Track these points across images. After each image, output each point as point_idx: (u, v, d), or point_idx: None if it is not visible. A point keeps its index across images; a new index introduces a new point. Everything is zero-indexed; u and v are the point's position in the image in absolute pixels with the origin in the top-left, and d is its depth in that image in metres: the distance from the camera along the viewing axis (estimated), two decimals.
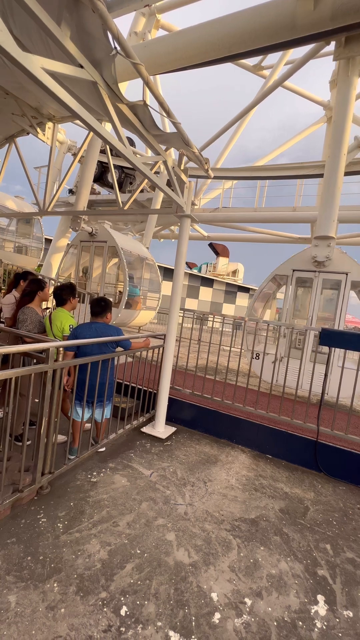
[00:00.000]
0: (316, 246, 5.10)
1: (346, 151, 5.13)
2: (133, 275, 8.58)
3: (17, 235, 10.41)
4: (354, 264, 5.02)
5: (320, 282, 5.21)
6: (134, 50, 2.48)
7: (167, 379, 3.85)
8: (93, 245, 7.93)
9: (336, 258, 5.10)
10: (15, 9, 2.13)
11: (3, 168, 5.15)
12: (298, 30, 4.16)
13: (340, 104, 5.12)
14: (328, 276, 5.15)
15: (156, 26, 9.48)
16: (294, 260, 5.42)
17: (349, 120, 5.07)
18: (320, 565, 2.11)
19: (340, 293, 5.10)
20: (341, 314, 5.11)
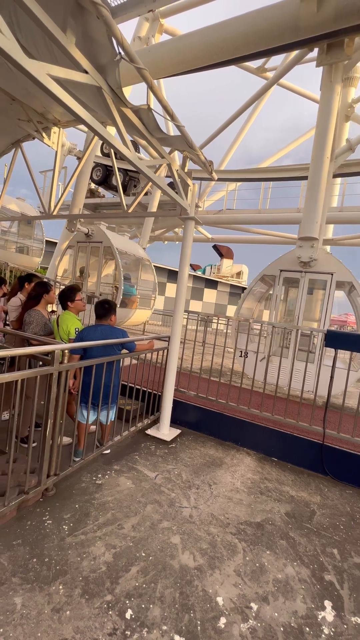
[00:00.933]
0: (300, 247, 5.22)
1: (329, 155, 5.25)
2: (129, 275, 8.72)
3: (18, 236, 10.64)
4: (339, 264, 5.14)
5: (306, 282, 5.31)
6: (138, 55, 2.50)
7: (172, 381, 3.85)
8: (89, 245, 8.09)
9: (322, 259, 5.19)
10: (21, 17, 2.16)
11: (10, 172, 5.22)
12: (301, 32, 4.17)
13: (324, 109, 5.25)
14: (314, 276, 5.26)
15: (160, 31, 9.57)
16: (281, 260, 5.52)
17: (332, 125, 5.21)
18: (328, 570, 2.09)
19: (326, 293, 5.17)
20: (327, 313, 5.17)
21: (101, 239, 7.83)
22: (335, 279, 5.08)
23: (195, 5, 8.13)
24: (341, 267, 5.12)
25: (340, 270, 5.11)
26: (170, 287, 29.27)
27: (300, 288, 5.35)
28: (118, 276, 7.71)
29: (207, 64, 5.18)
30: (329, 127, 5.16)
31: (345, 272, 5.09)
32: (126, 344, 3.08)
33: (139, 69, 2.21)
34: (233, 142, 12.95)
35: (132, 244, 9.19)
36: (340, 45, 4.83)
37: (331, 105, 5.16)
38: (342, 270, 5.10)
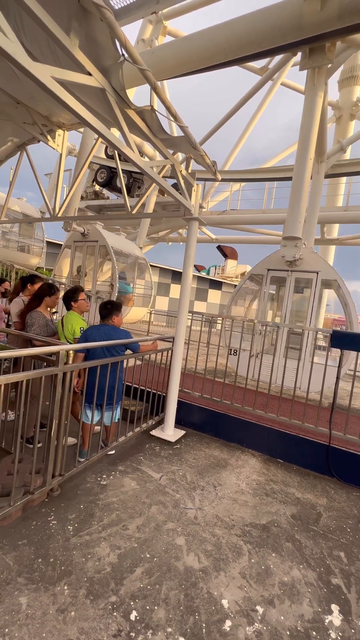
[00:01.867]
0: (284, 246, 5.32)
1: (312, 156, 5.34)
2: (124, 274, 8.91)
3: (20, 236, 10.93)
4: (324, 263, 5.27)
5: (292, 281, 5.42)
6: (142, 56, 2.51)
7: (176, 381, 3.84)
8: (85, 245, 8.22)
9: (308, 258, 5.29)
10: (25, 21, 2.19)
11: (15, 175, 5.27)
12: (305, 30, 4.15)
13: (307, 112, 5.35)
14: (300, 275, 5.37)
15: (163, 33, 9.60)
16: (268, 260, 5.64)
17: (315, 128, 5.30)
18: (334, 573, 2.06)
19: (312, 291, 5.28)
20: (313, 311, 5.29)
21: (97, 238, 7.98)
22: (321, 277, 5.20)
23: (199, 7, 8.15)
24: (326, 266, 5.24)
25: (325, 268, 5.21)
26: (175, 288, 29.31)
27: (287, 287, 5.47)
28: (113, 275, 7.84)
29: (210, 65, 5.19)
30: (312, 130, 5.28)
31: (330, 271, 5.19)
32: (130, 345, 3.09)
33: (143, 71, 2.22)
34: (237, 142, 12.93)
35: (128, 243, 9.35)
36: (322, 50, 4.97)
37: (314, 108, 5.28)
38: (327, 269, 5.21)
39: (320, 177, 8.21)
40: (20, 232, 10.92)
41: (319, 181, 8.21)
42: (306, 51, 5.06)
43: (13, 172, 5.19)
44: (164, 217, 12.43)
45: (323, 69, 5.23)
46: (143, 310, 9.55)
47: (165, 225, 12.74)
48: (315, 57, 5.04)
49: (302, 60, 5.18)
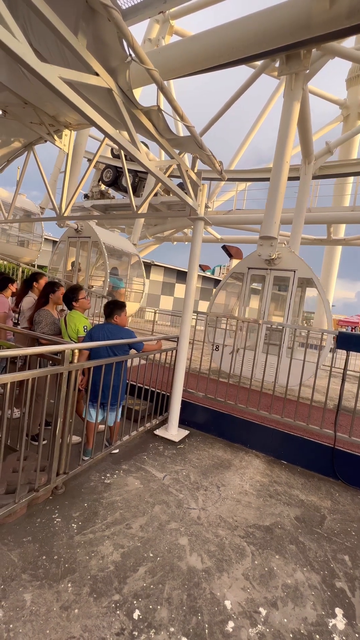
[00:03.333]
0: (261, 245, 5.55)
1: (289, 159, 5.52)
2: (117, 269, 9.12)
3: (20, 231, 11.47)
4: (301, 262, 5.48)
5: (271, 279, 5.68)
6: (148, 56, 2.52)
7: (180, 381, 3.84)
8: (79, 240, 8.39)
9: (285, 256, 5.55)
10: (34, 21, 2.20)
11: (22, 175, 5.31)
12: (313, 29, 4.11)
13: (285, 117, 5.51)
14: (278, 273, 5.63)
15: (170, 32, 9.59)
16: (249, 258, 5.88)
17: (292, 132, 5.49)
18: (339, 577, 2.04)
19: (289, 288, 5.52)
20: (290, 308, 5.51)
21: (89, 234, 8.13)
22: (298, 276, 5.43)
23: (206, 6, 8.12)
24: (303, 265, 5.45)
25: (302, 267, 5.43)
26: (179, 287, 29.30)
27: (266, 284, 5.73)
28: (105, 270, 8.02)
29: (217, 64, 5.17)
30: (289, 134, 5.46)
31: (306, 269, 5.40)
32: (133, 344, 3.10)
33: (149, 70, 2.22)
34: (243, 142, 12.88)
35: (121, 239, 9.54)
36: (298, 57, 5.17)
37: (291, 112, 5.45)
38: (303, 267, 5.42)
39: (308, 178, 8.37)
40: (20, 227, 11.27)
41: (307, 182, 8.42)
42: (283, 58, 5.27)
43: (20, 172, 5.23)
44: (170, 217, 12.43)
45: (300, 75, 5.39)
46: (136, 305, 9.75)
47: (170, 225, 12.73)
48: (291, 63, 5.24)
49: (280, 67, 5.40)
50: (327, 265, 14.18)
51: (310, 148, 7.90)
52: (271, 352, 5.21)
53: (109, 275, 8.14)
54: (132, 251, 9.49)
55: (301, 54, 5.11)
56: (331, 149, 8.64)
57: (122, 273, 9.41)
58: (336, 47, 6.16)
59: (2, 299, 3.86)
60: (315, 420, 3.78)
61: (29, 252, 11.57)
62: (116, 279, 8.90)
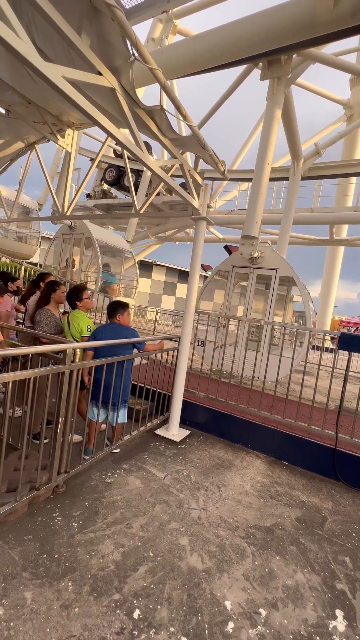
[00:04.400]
0: (243, 244, 5.74)
1: (270, 161, 5.65)
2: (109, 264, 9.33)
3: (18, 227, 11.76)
4: (282, 261, 5.70)
5: (254, 277, 5.87)
6: (152, 56, 2.51)
7: (182, 381, 3.84)
8: (72, 237, 8.55)
9: (268, 255, 5.74)
10: (38, 21, 2.20)
11: (25, 174, 5.33)
12: (317, 28, 4.10)
13: (267, 119, 5.64)
14: (261, 272, 5.84)
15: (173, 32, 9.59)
16: (233, 257, 6.06)
17: (274, 134, 5.64)
18: (339, 578, 2.04)
19: (271, 286, 5.73)
20: (272, 305, 5.73)
21: (82, 231, 8.27)
22: (279, 274, 5.64)
23: (209, 5, 8.11)
24: (284, 264, 5.66)
25: (283, 266, 5.64)
26: (181, 287, 29.28)
27: (249, 282, 5.92)
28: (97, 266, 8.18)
29: (221, 64, 5.16)
30: (271, 136, 5.59)
31: (287, 268, 5.61)
32: (136, 343, 3.10)
33: (152, 70, 2.22)
34: (245, 142, 12.85)
35: (114, 236, 9.71)
36: (279, 62, 5.32)
37: (273, 115, 5.60)
38: (284, 266, 5.64)
39: (297, 179, 8.48)
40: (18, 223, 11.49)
41: (295, 183, 8.62)
42: (265, 63, 5.42)
43: (23, 171, 5.25)
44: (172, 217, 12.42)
45: (282, 80, 5.53)
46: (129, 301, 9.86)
47: (172, 225, 12.73)
48: (273, 68, 5.39)
49: (263, 71, 5.55)
50: (329, 266, 14.14)
51: (299, 149, 8.07)
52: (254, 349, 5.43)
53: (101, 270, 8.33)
54: (126, 248, 9.66)
55: (282, 60, 5.28)
56: (320, 151, 8.87)
57: (115, 269, 9.58)
58: (316, 53, 6.32)
59: (5, 298, 3.87)
60: (316, 421, 3.77)
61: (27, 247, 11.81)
62: (109, 275, 9.10)
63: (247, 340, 5.69)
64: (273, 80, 5.56)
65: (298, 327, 5.15)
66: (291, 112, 6.82)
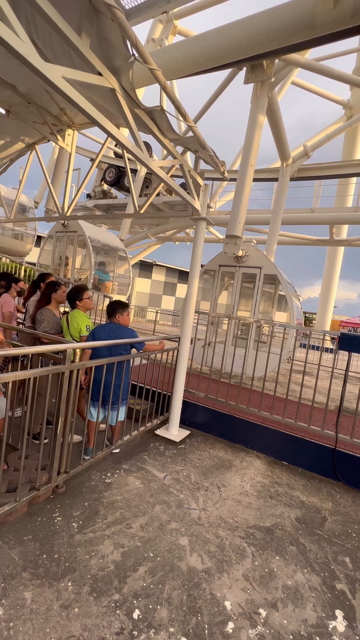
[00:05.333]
0: (227, 244, 5.89)
1: (254, 163, 5.77)
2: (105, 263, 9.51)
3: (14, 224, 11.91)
4: (267, 260, 5.85)
5: (240, 276, 6.04)
6: (152, 56, 2.52)
7: (182, 381, 3.84)
8: (66, 235, 8.65)
9: (253, 254, 5.88)
10: (39, 21, 2.20)
11: (25, 174, 5.33)
12: (317, 29, 4.10)
13: (251, 122, 5.75)
14: (246, 270, 5.99)
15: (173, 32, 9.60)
16: (219, 257, 6.22)
17: (258, 137, 5.75)
18: (339, 578, 2.03)
19: (256, 284, 5.88)
20: (257, 303, 5.88)
21: (75, 229, 8.37)
22: (264, 272, 5.80)
23: (209, 6, 8.11)
24: (268, 262, 5.82)
25: (267, 264, 5.80)
26: (181, 287, 29.28)
27: (235, 281, 6.06)
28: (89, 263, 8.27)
29: (221, 64, 5.17)
30: (254, 138, 5.69)
31: (271, 266, 5.78)
32: (135, 344, 3.10)
33: (152, 70, 2.22)
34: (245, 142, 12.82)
35: (108, 234, 9.82)
36: (261, 67, 5.44)
37: (256, 118, 5.70)
38: (269, 265, 5.80)
39: (286, 180, 8.59)
40: None
41: (284, 183, 8.74)
42: (248, 67, 5.51)
43: (23, 171, 5.25)
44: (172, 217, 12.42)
45: (265, 84, 5.63)
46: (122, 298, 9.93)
47: (172, 225, 12.73)
48: (256, 72, 5.51)
49: (247, 75, 5.65)
50: (329, 266, 14.15)
51: (287, 151, 8.21)
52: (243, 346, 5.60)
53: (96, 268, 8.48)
54: (119, 246, 9.81)
55: (264, 64, 5.40)
56: (308, 152, 9.03)
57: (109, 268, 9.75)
58: (297, 59, 6.40)
59: (8, 299, 3.88)
60: (316, 421, 3.77)
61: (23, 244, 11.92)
62: (102, 273, 9.24)
63: (237, 338, 5.81)
64: (257, 84, 5.68)
65: (297, 328, 5.13)
66: (277, 114, 6.94)
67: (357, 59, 11.70)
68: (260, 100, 5.65)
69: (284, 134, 7.63)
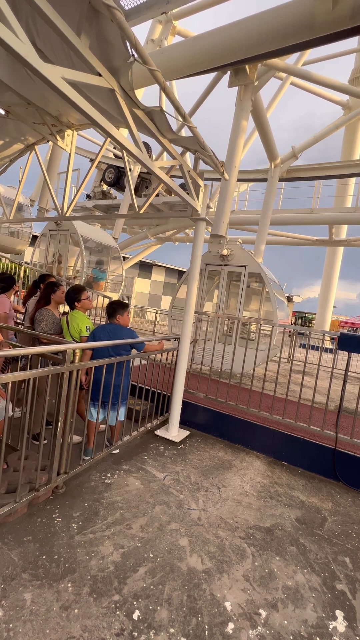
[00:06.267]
0: (211, 243, 6.05)
1: (238, 164, 5.88)
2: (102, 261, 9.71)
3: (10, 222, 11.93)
4: (251, 258, 6.00)
5: (225, 274, 6.25)
6: (151, 57, 2.52)
7: (181, 381, 3.84)
8: (59, 233, 8.72)
9: (237, 253, 6.04)
10: (39, 22, 2.20)
11: (24, 175, 5.33)
12: (316, 30, 4.11)
13: (235, 124, 5.88)
14: (231, 269, 6.18)
15: (173, 33, 9.61)
16: (206, 256, 6.35)
17: (242, 139, 5.90)
18: (339, 579, 2.03)
19: (241, 282, 6.05)
20: (242, 300, 6.05)
21: (68, 227, 8.43)
22: (248, 271, 5.98)
23: (208, 7, 8.13)
24: (252, 261, 5.96)
25: (251, 263, 5.96)
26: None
27: (221, 279, 6.24)
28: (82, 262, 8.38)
29: (220, 65, 5.17)
30: (238, 141, 5.81)
31: (255, 265, 5.94)
32: (134, 344, 3.10)
33: (152, 71, 2.22)
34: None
35: (100, 232, 9.92)
36: (244, 71, 5.54)
37: (240, 121, 5.83)
38: (253, 263, 5.96)
39: (274, 180, 8.73)
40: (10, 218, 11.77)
41: (273, 184, 8.88)
42: (232, 71, 5.61)
43: (22, 172, 5.25)
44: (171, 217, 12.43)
45: (249, 88, 5.74)
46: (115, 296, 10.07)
47: (172, 225, 12.73)
48: (240, 76, 5.61)
49: (230, 79, 5.77)
50: (328, 266, 14.16)
51: (274, 152, 8.34)
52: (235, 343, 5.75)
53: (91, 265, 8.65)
54: (112, 245, 9.89)
55: (247, 69, 5.49)
56: (296, 154, 9.19)
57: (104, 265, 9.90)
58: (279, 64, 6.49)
59: (3, 299, 3.87)
60: (316, 421, 3.77)
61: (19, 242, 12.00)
62: (98, 271, 9.37)
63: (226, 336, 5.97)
64: (240, 88, 5.77)
65: (297, 328, 5.16)
66: (262, 116, 7.04)
67: (357, 59, 11.73)
68: (243, 104, 5.81)
69: (270, 136, 7.77)
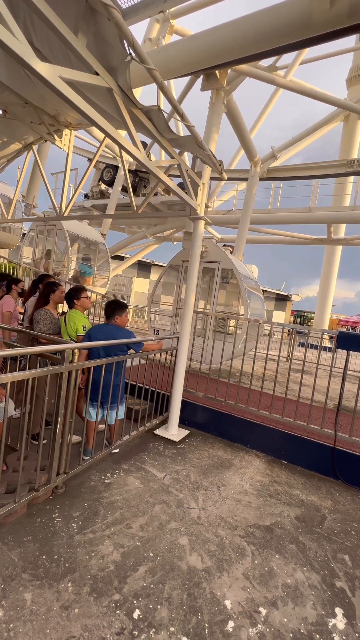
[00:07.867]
0: (185, 240, 6.23)
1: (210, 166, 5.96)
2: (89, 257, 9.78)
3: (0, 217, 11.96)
4: (224, 255, 6.26)
5: (201, 270, 6.45)
6: (149, 56, 2.51)
7: (181, 381, 3.84)
8: (46, 229, 8.76)
9: (212, 250, 6.31)
10: (36, 21, 2.20)
11: (22, 174, 5.31)
12: (314, 28, 4.10)
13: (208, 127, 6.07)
14: (206, 265, 6.42)
15: (170, 32, 9.59)
16: (183, 253, 6.63)
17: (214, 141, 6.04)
18: (339, 576, 2.04)
19: (215, 278, 6.35)
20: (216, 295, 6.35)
21: (54, 222, 8.39)
22: (221, 267, 6.23)
23: (206, 6, 8.11)
24: (225, 257, 6.20)
25: (224, 259, 6.21)
26: None
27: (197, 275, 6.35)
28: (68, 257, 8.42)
29: (217, 64, 5.16)
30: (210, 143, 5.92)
31: (228, 261, 6.18)
32: (132, 345, 3.10)
33: (150, 70, 2.22)
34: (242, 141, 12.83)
35: (88, 228, 9.89)
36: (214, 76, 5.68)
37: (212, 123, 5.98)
38: (226, 260, 6.20)
39: (255, 180, 8.85)
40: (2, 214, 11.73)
41: (253, 183, 8.99)
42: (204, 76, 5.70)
43: (20, 171, 5.23)
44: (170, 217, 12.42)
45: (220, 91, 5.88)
46: (101, 291, 10.12)
47: (170, 225, 12.73)
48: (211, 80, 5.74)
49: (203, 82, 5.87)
50: (327, 265, 14.18)
51: (253, 152, 8.43)
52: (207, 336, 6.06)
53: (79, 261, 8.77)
54: (99, 240, 9.96)
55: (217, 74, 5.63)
56: (275, 154, 9.35)
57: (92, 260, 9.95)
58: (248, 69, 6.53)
59: (9, 299, 3.88)
60: (315, 420, 3.78)
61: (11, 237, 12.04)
62: (86, 266, 9.40)
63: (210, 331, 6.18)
64: (212, 92, 5.89)
65: (296, 327, 5.15)
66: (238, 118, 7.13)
67: (354, 57, 11.74)
68: (215, 107, 5.97)
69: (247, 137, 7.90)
